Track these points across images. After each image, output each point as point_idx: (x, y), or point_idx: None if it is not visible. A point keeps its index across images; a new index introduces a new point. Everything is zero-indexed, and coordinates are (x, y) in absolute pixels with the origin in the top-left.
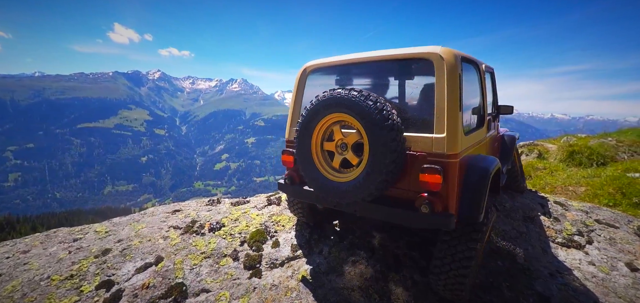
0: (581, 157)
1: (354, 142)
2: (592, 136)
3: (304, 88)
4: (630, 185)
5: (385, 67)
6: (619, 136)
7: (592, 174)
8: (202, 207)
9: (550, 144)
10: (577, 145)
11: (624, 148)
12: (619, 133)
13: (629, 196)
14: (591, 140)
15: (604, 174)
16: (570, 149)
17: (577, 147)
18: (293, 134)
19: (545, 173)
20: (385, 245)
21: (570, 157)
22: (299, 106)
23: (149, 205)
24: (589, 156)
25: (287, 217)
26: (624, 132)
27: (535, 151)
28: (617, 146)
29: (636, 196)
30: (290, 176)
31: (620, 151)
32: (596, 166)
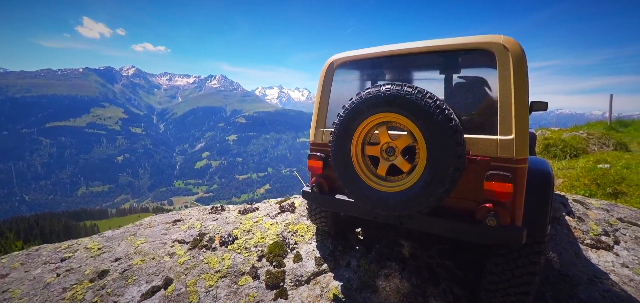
0: (556, 149)
1: (405, 146)
2: (564, 129)
3: (331, 84)
4: (604, 176)
5: (429, 60)
6: (588, 128)
7: (567, 166)
8: (205, 216)
9: None
10: (552, 138)
11: (594, 140)
12: (589, 125)
13: (603, 187)
14: (564, 133)
15: (578, 166)
16: (545, 142)
17: (552, 140)
18: (319, 136)
19: None
20: (416, 254)
21: (546, 150)
22: (325, 104)
23: (127, 205)
24: (562, 148)
25: (304, 226)
26: (593, 125)
27: None
28: (588, 139)
29: (609, 186)
30: (318, 184)
31: (590, 143)
32: (569, 158)
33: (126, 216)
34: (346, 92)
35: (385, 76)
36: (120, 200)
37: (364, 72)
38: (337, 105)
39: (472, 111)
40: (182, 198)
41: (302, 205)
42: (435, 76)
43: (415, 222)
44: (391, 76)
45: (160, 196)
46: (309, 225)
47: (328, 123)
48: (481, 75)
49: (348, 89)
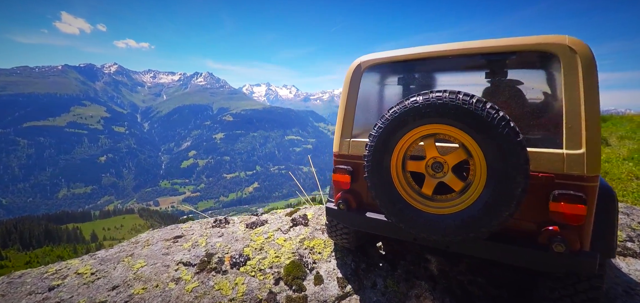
0: None
1: (456, 162)
2: None
3: (358, 89)
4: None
5: (473, 63)
6: None
7: None
8: (209, 231)
9: None
10: None
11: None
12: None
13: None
14: None
15: None
16: None
17: None
18: (345, 147)
19: None
20: (445, 270)
21: None
22: (351, 111)
23: (111, 207)
24: None
25: (321, 241)
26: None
27: None
28: None
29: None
30: (345, 200)
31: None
32: None
33: (110, 218)
34: (375, 98)
35: (419, 81)
36: (103, 201)
37: (395, 76)
38: (364, 112)
39: (529, 122)
40: (169, 198)
41: (316, 216)
42: (476, 81)
43: (467, 247)
44: (426, 81)
45: (145, 196)
46: (325, 239)
47: (355, 132)
48: (537, 80)
49: (377, 94)
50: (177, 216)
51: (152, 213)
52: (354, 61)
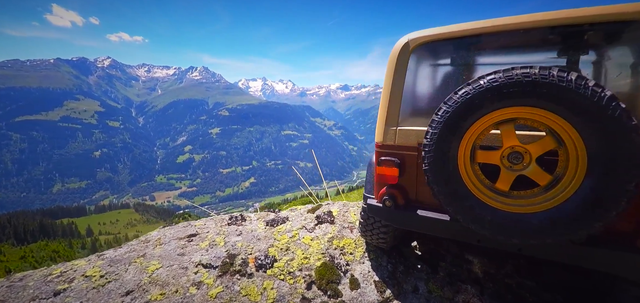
0: None
1: (543, 152)
2: None
3: (406, 71)
4: None
5: (545, 37)
6: None
7: None
8: (226, 229)
9: None
10: None
11: None
12: None
13: None
14: None
15: None
16: None
17: None
18: (391, 136)
19: None
20: (490, 272)
21: None
22: (397, 96)
23: (106, 202)
24: None
25: (350, 241)
26: None
27: None
28: None
29: None
30: (391, 197)
31: None
32: None
33: (106, 213)
34: (426, 81)
35: (475, 62)
36: (98, 196)
37: (451, 56)
38: (413, 97)
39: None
40: (165, 193)
41: (341, 213)
42: (548, 59)
43: (547, 251)
44: (488, 60)
45: (141, 191)
46: (355, 239)
47: (402, 119)
48: (624, 57)
49: (429, 77)
50: (174, 211)
51: (148, 208)
52: (400, 39)
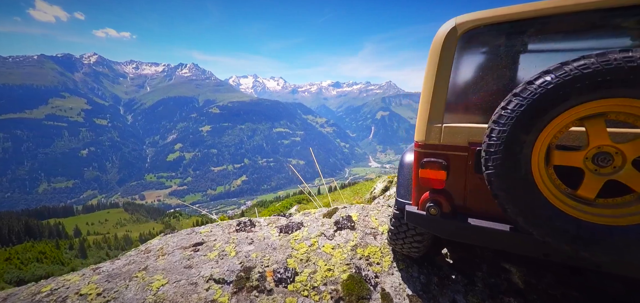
0: None
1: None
2: None
3: (453, 60)
4: None
5: (617, 20)
6: None
7: None
8: (235, 236)
9: None
10: None
11: None
12: None
13: None
14: None
15: None
16: None
17: None
18: (436, 135)
19: None
20: (531, 282)
21: None
22: (443, 89)
23: (94, 201)
24: None
25: (375, 248)
26: None
27: None
28: None
29: None
30: (436, 203)
31: None
32: None
33: (94, 212)
34: (476, 71)
35: (543, 47)
36: (86, 195)
37: (508, 41)
38: (461, 90)
39: None
40: (155, 192)
41: (361, 218)
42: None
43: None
44: (554, 46)
45: (130, 190)
46: (380, 247)
47: (448, 115)
48: None
49: (480, 66)
50: (164, 210)
51: (137, 207)
52: (445, 24)
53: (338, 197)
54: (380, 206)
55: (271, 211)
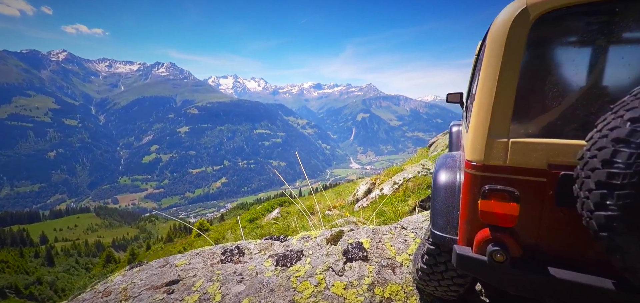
0: None
1: None
2: None
3: (522, 52)
4: None
5: None
6: None
7: None
8: (220, 271)
9: None
10: None
11: None
12: None
13: None
14: None
15: None
16: None
17: None
18: (499, 152)
19: None
20: None
21: None
22: (510, 91)
23: (63, 206)
24: None
25: (397, 287)
26: None
27: None
28: None
29: None
30: (502, 245)
31: None
32: None
33: (62, 218)
34: (554, 68)
35: (617, 32)
36: (54, 200)
37: (583, 26)
38: (535, 93)
39: None
40: (129, 196)
41: (374, 244)
42: None
43: None
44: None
45: (102, 194)
46: (402, 283)
47: (518, 126)
48: None
49: (561, 61)
50: (139, 214)
51: (110, 212)
52: (510, 5)
53: (321, 199)
54: (393, 228)
55: (252, 214)
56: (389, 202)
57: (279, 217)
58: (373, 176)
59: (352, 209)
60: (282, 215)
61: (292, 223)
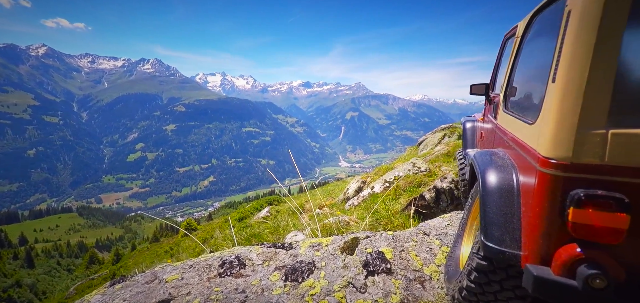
0: None
1: None
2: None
3: (626, 22)
4: None
5: None
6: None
7: None
8: (218, 285)
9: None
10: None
11: None
12: None
13: None
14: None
15: None
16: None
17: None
18: (595, 148)
19: None
20: None
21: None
22: (608, 70)
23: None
24: None
25: None
26: None
27: (456, 133)
28: None
29: None
30: (600, 267)
31: None
32: None
33: (43, 218)
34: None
35: None
36: (34, 200)
37: None
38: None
39: None
40: (113, 195)
41: (397, 254)
42: None
43: None
44: None
45: (85, 193)
46: (435, 301)
47: (618, 114)
48: None
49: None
50: (124, 213)
51: (93, 211)
52: None
53: (312, 197)
54: (415, 235)
55: (241, 213)
56: (380, 200)
57: (269, 216)
58: (363, 175)
59: (343, 207)
60: (272, 214)
61: (283, 222)
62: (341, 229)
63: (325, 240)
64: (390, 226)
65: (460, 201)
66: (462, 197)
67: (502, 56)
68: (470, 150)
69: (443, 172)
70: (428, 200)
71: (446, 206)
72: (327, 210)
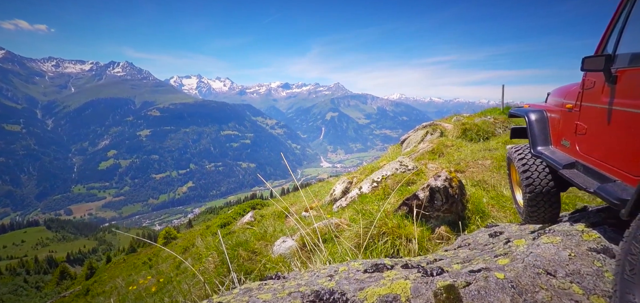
0: (472, 133)
1: None
2: (475, 114)
3: None
4: None
5: None
6: (491, 114)
7: (484, 148)
8: None
9: (446, 123)
10: (468, 123)
11: (499, 124)
12: (488, 111)
13: None
14: (476, 118)
15: (492, 147)
16: (463, 128)
17: (468, 125)
18: None
19: (453, 150)
20: None
21: (464, 134)
22: None
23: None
24: (477, 132)
25: None
26: (490, 111)
27: (438, 130)
28: (495, 123)
29: None
30: None
31: (497, 127)
32: (483, 140)
33: (7, 233)
34: None
35: None
36: None
37: None
38: None
39: None
40: (85, 205)
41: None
42: None
43: None
44: None
45: (53, 205)
46: None
47: None
48: None
49: None
50: (97, 224)
51: (63, 224)
52: None
53: (297, 200)
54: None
55: (223, 218)
56: (369, 201)
57: (253, 221)
58: (348, 174)
59: (330, 209)
60: (256, 219)
61: (270, 228)
62: (332, 233)
63: (355, 265)
64: (385, 228)
65: (455, 200)
66: (528, 208)
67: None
68: (543, 148)
69: (431, 170)
70: (422, 199)
71: (441, 205)
72: (314, 213)
